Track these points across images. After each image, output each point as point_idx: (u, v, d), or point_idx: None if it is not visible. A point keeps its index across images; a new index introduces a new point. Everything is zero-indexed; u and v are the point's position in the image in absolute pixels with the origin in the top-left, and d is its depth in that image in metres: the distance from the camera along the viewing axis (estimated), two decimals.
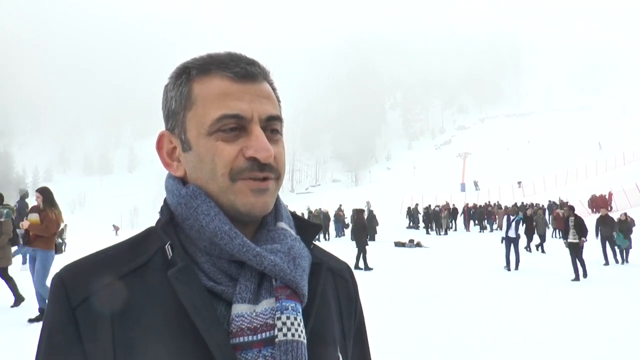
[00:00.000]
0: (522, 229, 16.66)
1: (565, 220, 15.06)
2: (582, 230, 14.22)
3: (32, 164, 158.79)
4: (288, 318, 0.83)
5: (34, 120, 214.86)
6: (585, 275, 13.78)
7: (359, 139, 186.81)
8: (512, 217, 16.55)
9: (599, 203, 39.20)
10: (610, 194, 40.13)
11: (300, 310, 0.86)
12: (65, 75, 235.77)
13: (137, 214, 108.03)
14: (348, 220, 33.73)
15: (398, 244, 24.79)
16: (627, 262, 17.53)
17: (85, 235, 39.09)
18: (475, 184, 74.06)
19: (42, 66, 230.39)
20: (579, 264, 13.81)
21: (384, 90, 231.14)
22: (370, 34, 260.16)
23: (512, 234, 15.93)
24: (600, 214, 18.74)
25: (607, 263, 17.01)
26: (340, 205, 38.44)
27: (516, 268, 15.55)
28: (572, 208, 15.45)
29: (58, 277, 0.86)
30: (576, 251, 13.98)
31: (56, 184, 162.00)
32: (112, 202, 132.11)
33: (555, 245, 23.33)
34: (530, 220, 21.68)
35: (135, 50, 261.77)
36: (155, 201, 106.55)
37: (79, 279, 0.85)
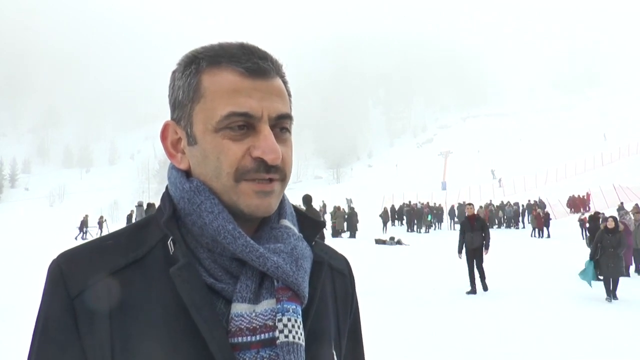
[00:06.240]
0: None
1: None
2: None
3: (9, 156, 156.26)
4: (289, 320, 0.82)
5: (11, 110, 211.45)
6: None
7: (341, 136, 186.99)
8: None
9: (578, 203, 39.72)
10: (588, 195, 40.61)
11: (300, 313, 0.85)
12: (43, 65, 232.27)
13: (117, 207, 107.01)
14: (327, 216, 33.86)
15: (379, 242, 24.84)
16: (615, 297, 10.81)
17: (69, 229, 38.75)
18: (493, 172, 75.10)
19: (19, 56, 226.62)
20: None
21: (367, 88, 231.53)
22: (354, 31, 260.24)
23: None
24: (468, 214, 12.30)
25: (483, 287, 11.72)
26: (323, 201, 38.60)
27: None
28: (306, 199, 10.75)
29: (56, 264, 0.84)
30: None
31: (35, 177, 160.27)
32: (92, 196, 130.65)
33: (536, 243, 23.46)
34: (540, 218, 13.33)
35: (117, 43, 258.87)
36: (135, 195, 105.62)
37: (78, 268, 0.83)
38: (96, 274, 0.82)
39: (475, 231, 11.80)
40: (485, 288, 11.61)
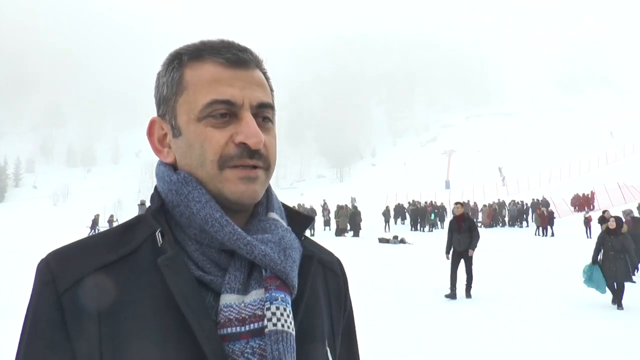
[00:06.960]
0: None
1: None
2: None
3: (13, 155, 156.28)
4: (277, 308, 0.81)
5: (14, 109, 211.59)
6: None
7: (344, 135, 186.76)
8: None
9: (582, 202, 39.62)
10: (592, 193, 40.52)
11: (290, 302, 0.84)
12: (44, 64, 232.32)
13: (121, 206, 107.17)
14: (332, 215, 33.87)
15: (382, 240, 24.81)
16: (621, 307, 9.74)
17: (72, 228, 38.76)
18: (500, 169, 74.92)
19: (20, 56, 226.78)
20: None
21: (369, 87, 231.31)
22: (356, 30, 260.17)
23: None
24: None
25: (467, 294, 10.73)
26: (324, 200, 38.62)
27: None
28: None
29: (44, 262, 0.83)
30: None
31: (39, 176, 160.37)
32: (96, 195, 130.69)
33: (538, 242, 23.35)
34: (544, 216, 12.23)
35: (117, 42, 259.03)
36: (139, 194, 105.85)
37: (67, 264, 0.82)
38: (84, 270, 0.82)
39: (462, 232, 10.83)
40: (468, 295, 10.62)
